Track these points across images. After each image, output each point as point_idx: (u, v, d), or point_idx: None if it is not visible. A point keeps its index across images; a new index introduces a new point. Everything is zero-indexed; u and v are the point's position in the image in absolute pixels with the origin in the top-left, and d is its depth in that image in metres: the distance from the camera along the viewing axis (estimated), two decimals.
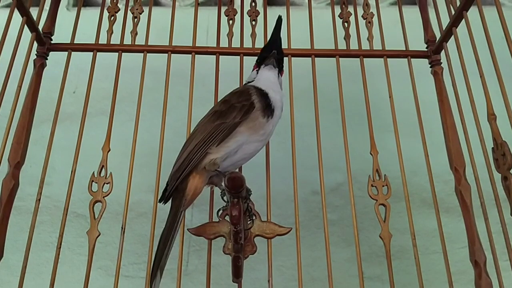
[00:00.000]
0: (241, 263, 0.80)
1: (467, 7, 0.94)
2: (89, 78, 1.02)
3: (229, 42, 1.10)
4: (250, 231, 0.84)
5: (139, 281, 1.27)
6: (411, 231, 0.90)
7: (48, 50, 1.05)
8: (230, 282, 0.82)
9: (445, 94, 1.02)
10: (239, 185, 0.67)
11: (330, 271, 0.85)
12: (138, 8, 1.11)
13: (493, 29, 0.87)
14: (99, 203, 0.91)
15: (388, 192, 0.93)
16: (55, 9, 1.09)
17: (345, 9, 1.14)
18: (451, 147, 0.97)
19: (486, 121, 0.85)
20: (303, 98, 1.08)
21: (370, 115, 1.01)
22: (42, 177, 0.92)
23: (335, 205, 0.90)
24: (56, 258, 0.86)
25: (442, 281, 0.88)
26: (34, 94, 0.99)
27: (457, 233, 0.97)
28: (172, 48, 1.07)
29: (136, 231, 1.32)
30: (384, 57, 1.08)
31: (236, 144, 0.81)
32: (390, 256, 0.87)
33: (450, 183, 0.94)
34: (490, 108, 0.85)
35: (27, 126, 0.96)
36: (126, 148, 0.97)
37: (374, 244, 1.05)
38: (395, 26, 1.11)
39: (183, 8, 1.38)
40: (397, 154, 0.96)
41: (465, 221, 0.90)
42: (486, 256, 0.85)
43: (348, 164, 0.95)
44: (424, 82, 1.07)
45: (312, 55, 1.08)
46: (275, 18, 0.94)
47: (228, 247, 0.84)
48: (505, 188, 0.81)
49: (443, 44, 1.03)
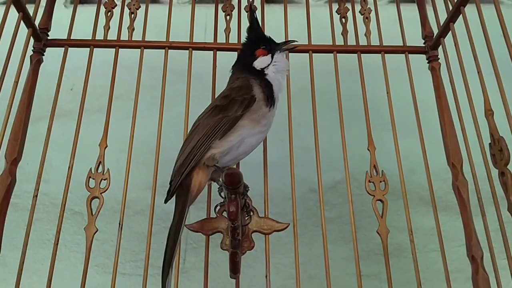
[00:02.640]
0: (238, 259, 0.80)
1: (465, 3, 0.94)
2: (86, 74, 1.02)
3: (227, 38, 1.10)
4: (247, 227, 0.84)
5: (136, 278, 1.27)
6: (409, 227, 0.90)
7: (45, 46, 1.04)
8: (227, 279, 0.82)
9: (442, 90, 1.02)
10: (236, 181, 0.67)
11: (328, 269, 0.85)
12: (135, 4, 1.11)
13: (491, 25, 0.87)
14: (96, 199, 0.90)
15: (386, 187, 0.93)
16: (52, 5, 1.08)
17: (343, 5, 1.14)
18: (448, 143, 0.97)
19: (484, 116, 0.85)
20: (301, 96, 1.07)
21: (368, 111, 1.01)
22: (39, 173, 0.92)
23: (332, 203, 0.91)
24: (53, 256, 0.86)
25: (439, 279, 0.88)
26: (31, 90, 0.99)
27: (454, 231, 0.97)
28: (169, 44, 1.07)
29: (133, 228, 1.32)
30: (382, 53, 1.07)
31: (238, 138, 0.81)
32: (387, 252, 0.88)
33: (448, 181, 0.94)
34: (488, 104, 0.85)
35: (24, 122, 0.95)
36: (123, 145, 0.97)
37: (372, 242, 1.05)
38: (393, 22, 1.11)
39: (181, 5, 1.37)
40: (394, 152, 0.96)
41: (462, 216, 0.90)
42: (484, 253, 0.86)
43: (346, 162, 0.95)
44: (422, 79, 1.07)
45: (310, 51, 1.07)
46: (273, 14, 0.94)
47: (226, 243, 0.84)
48: (502, 184, 0.81)
49: (441, 39, 1.03)
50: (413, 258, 0.88)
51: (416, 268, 0.87)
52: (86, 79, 1.02)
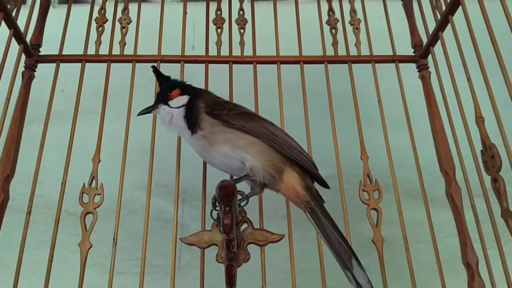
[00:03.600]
0: (234, 272, 0.80)
1: (453, 12, 0.95)
2: (78, 89, 1.02)
3: (218, 51, 1.10)
4: (243, 239, 0.84)
5: (133, 277, 1.27)
6: (401, 220, 0.92)
7: (36, 62, 1.04)
8: (222, 276, 0.82)
9: (433, 98, 1.03)
10: (230, 193, 0.67)
11: (322, 264, 0.87)
12: (126, 19, 1.11)
13: (479, 26, 0.88)
14: (90, 214, 0.90)
15: (380, 196, 0.94)
16: (43, 21, 1.09)
17: (332, 16, 1.15)
18: (440, 150, 0.98)
19: (475, 123, 0.86)
20: (292, 94, 1.10)
21: (360, 122, 1.02)
22: (34, 177, 0.92)
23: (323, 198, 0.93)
24: (50, 257, 0.86)
25: (427, 270, 0.89)
26: (23, 106, 0.99)
27: (440, 223, 0.98)
28: (161, 58, 1.07)
29: (127, 228, 1.31)
30: (372, 62, 1.08)
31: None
32: (383, 262, 0.88)
33: (433, 174, 0.96)
34: (478, 111, 0.86)
35: (16, 139, 0.95)
36: (116, 146, 0.97)
37: (361, 235, 1.06)
38: (382, 27, 1.13)
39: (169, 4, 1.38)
40: (381, 146, 0.98)
41: (457, 223, 0.90)
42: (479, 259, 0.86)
43: (337, 158, 0.97)
44: (416, 82, 1.09)
45: (301, 62, 1.08)
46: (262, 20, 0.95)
47: (221, 256, 0.83)
48: (495, 190, 0.81)
49: (430, 48, 1.03)
50: (406, 253, 0.88)
51: (410, 264, 0.88)
52: (78, 90, 1.02)
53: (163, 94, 0.93)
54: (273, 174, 0.83)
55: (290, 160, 0.85)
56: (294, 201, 0.86)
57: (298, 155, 0.85)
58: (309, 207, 0.84)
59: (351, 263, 0.81)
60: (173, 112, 0.91)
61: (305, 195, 0.84)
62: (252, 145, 0.83)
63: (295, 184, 0.84)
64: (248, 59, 1.09)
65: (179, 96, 0.93)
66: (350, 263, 0.81)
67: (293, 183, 0.84)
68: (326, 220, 0.83)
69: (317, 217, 0.84)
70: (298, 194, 0.84)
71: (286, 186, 0.84)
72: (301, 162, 0.85)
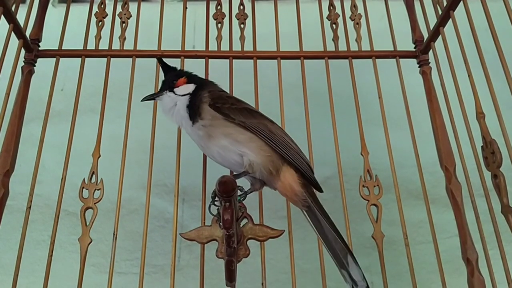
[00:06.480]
0: (234, 267, 0.80)
1: (454, 7, 0.95)
2: (78, 84, 1.02)
3: (218, 46, 1.10)
4: (243, 234, 0.84)
5: (132, 277, 1.27)
6: (401, 216, 0.91)
7: (36, 56, 1.04)
8: (222, 275, 0.82)
9: (433, 93, 1.03)
10: (230, 188, 0.67)
11: (322, 264, 0.87)
12: (126, 13, 1.11)
13: (480, 25, 0.87)
14: (90, 209, 0.90)
15: (380, 192, 0.94)
16: (42, 16, 1.08)
17: (333, 11, 1.14)
18: (441, 146, 0.97)
19: (475, 119, 0.86)
20: (292, 93, 1.09)
21: (360, 117, 1.01)
22: (33, 177, 0.92)
23: (323, 198, 0.91)
24: (49, 257, 0.86)
25: (427, 270, 0.89)
26: (23, 101, 0.99)
27: (442, 223, 0.98)
28: (161, 53, 1.07)
29: (127, 227, 1.32)
30: (373, 58, 1.08)
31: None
32: (383, 257, 0.88)
33: (435, 174, 0.95)
34: (479, 106, 0.86)
35: (16, 134, 0.95)
36: (116, 145, 0.97)
37: (362, 235, 1.06)
38: (383, 23, 1.12)
39: (169, 4, 1.37)
40: (383, 146, 0.98)
41: (457, 219, 0.90)
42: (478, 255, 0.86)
43: (338, 158, 0.97)
44: (416, 81, 1.08)
45: (301, 57, 1.08)
46: (263, 17, 0.94)
47: (221, 251, 0.83)
48: (495, 186, 0.81)
49: (431, 44, 1.03)
50: (407, 254, 0.88)
51: (410, 264, 0.88)
52: (78, 87, 1.01)
53: (169, 82, 0.94)
54: (271, 170, 0.82)
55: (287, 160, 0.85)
56: (291, 199, 0.86)
57: (294, 156, 0.84)
58: (306, 205, 0.84)
59: (347, 260, 0.80)
60: (177, 100, 0.91)
61: (302, 193, 0.84)
62: (252, 140, 0.83)
63: (292, 181, 0.84)
64: (249, 54, 1.08)
65: (186, 84, 0.93)
66: (346, 260, 0.80)
67: (290, 181, 0.84)
68: (323, 218, 0.82)
69: (314, 215, 0.84)
70: (295, 191, 0.84)
71: (283, 183, 0.84)
72: (297, 164, 0.84)
